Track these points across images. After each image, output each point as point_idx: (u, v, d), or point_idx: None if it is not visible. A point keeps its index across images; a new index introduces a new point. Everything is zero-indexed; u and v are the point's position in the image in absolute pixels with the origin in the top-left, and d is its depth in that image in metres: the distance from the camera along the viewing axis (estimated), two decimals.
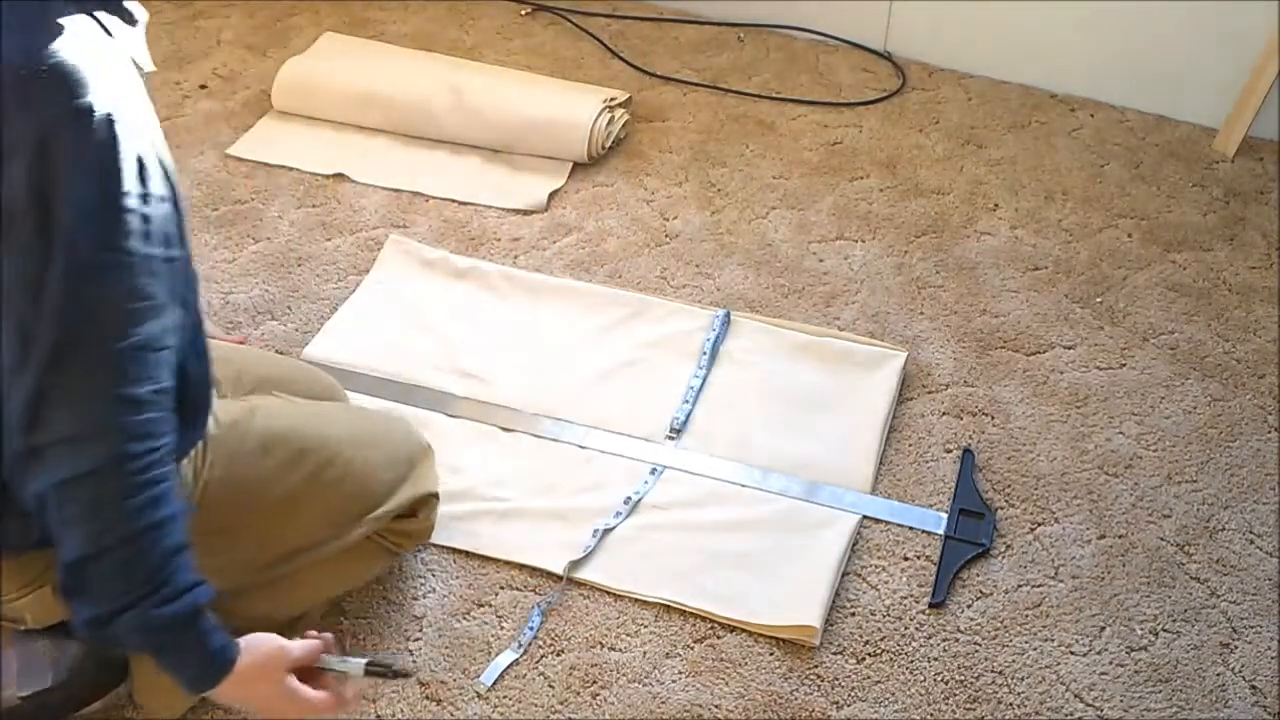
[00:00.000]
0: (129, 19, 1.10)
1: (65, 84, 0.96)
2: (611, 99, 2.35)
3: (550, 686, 1.48)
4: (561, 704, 1.46)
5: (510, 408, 1.82)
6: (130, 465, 1.00)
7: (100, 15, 1.05)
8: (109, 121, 0.97)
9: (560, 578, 1.58)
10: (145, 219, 1.00)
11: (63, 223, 0.96)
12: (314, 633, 1.18)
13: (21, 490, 1.02)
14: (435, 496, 1.50)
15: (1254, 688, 1.50)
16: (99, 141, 0.97)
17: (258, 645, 1.11)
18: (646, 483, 1.71)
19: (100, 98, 0.97)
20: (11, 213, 0.96)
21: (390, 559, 1.51)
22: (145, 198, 1.00)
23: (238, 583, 1.30)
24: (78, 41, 0.99)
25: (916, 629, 1.55)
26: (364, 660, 1.17)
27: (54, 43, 0.97)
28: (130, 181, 0.99)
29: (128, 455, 1.00)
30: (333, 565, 1.41)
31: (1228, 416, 1.84)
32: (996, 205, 2.25)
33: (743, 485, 1.72)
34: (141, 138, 1.02)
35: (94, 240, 0.97)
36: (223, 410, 1.33)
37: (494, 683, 1.47)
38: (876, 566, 1.62)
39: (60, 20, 1.00)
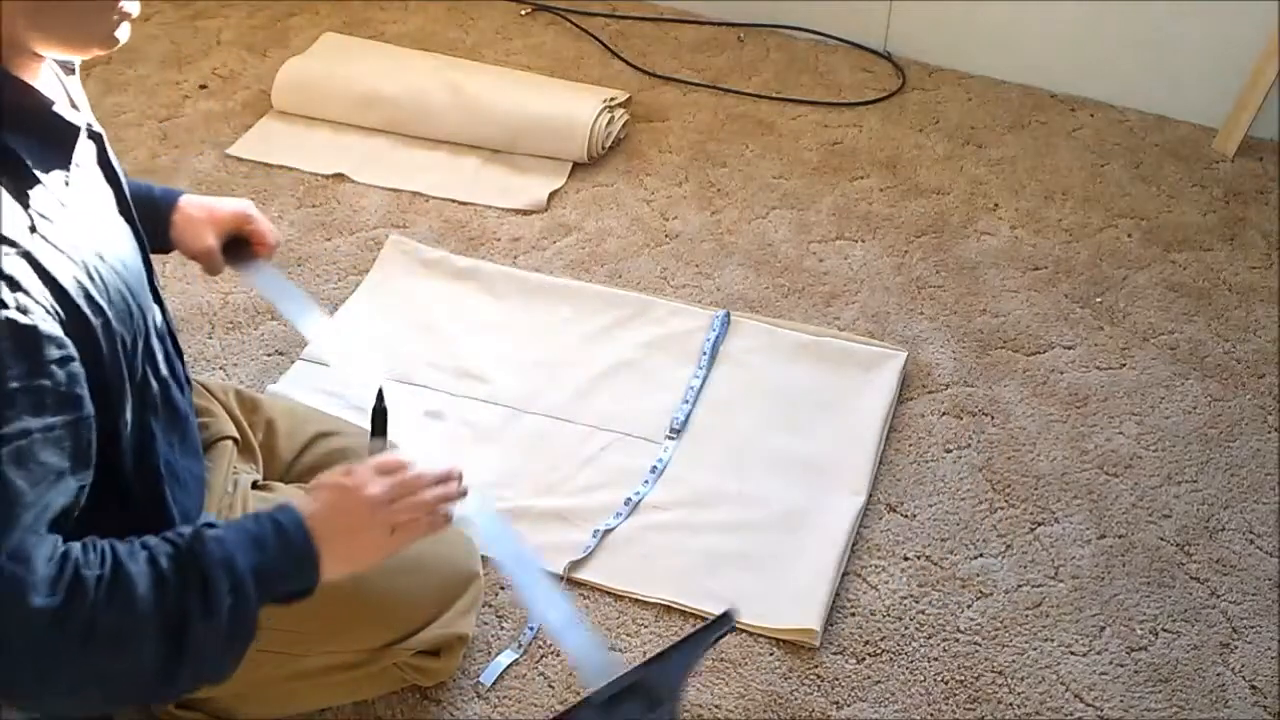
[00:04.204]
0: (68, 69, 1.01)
1: None
2: (611, 99, 2.35)
3: (550, 686, 1.47)
4: (561, 704, 1.46)
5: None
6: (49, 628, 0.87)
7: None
8: None
9: (560, 578, 1.58)
10: (33, 391, 0.86)
11: None
12: None
13: None
14: (464, 639, 1.39)
15: (1254, 688, 1.50)
16: None
17: (317, 499, 1.04)
18: (646, 483, 1.71)
19: None
20: None
21: (402, 685, 1.42)
22: (38, 369, 0.86)
23: (239, 691, 1.28)
24: None
25: (916, 629, 1.55)
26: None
27: None
28: (12, 361, 0.84)
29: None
30: (341, 681, 1.34)
31: (1228, 416, 1.84)
32: (996, 205, 2.25)
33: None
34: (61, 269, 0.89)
35: None
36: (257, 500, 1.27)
37: (494, 683, 1.47)
38: (876, 566, 1.62)
39: None
